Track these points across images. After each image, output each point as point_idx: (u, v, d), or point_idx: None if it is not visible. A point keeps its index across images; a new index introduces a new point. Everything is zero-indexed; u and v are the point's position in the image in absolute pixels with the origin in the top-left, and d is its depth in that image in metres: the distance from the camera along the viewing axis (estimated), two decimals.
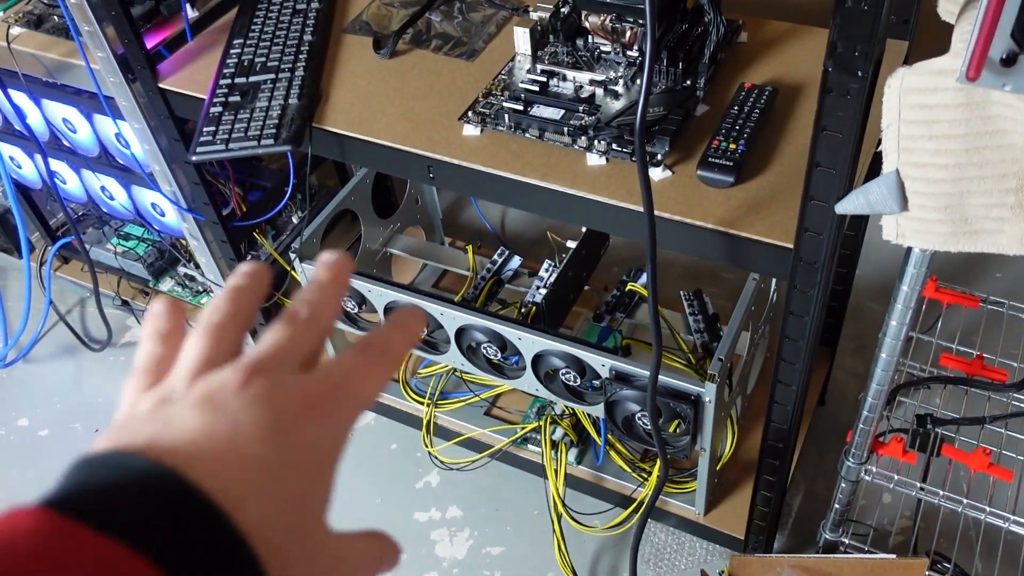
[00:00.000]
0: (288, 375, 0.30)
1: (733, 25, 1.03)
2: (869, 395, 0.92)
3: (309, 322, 0.32)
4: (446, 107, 0.99)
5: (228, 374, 0.29)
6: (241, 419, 0.28)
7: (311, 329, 0.32)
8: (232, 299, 0.33)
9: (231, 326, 0.32)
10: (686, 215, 0.84)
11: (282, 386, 0.29)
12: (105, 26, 1.06)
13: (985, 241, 0.70)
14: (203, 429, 0.27)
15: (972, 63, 0.57)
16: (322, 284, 0.34)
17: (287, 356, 0.31)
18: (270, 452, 0.27)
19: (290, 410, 0.29)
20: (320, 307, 0.33)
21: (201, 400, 0.28)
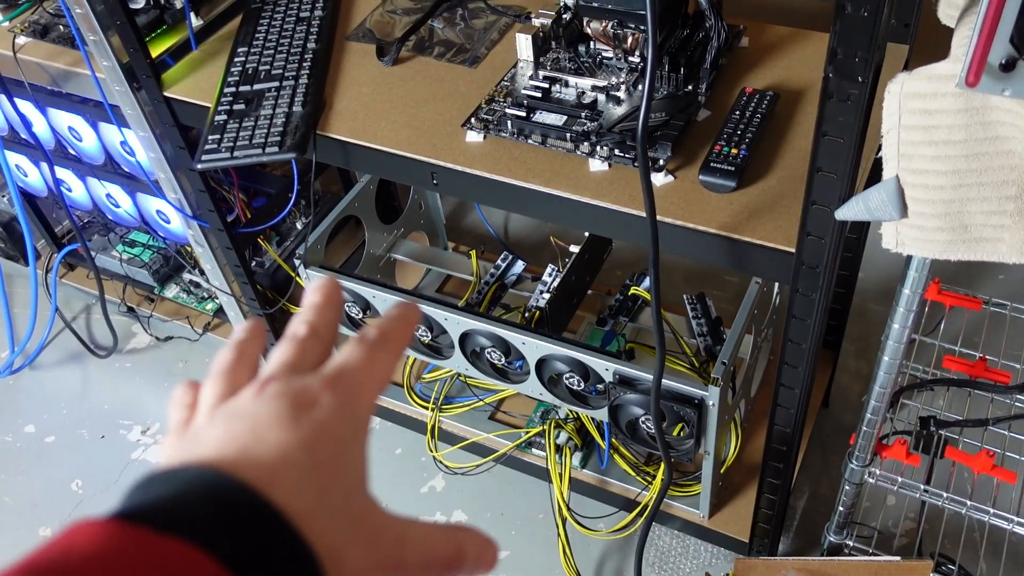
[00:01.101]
0: (295, 377, 0.32)
1: (734, 30, 1.04)
2: (872, 398, 0.92)
3: (309, 338, 0.35)
4: (449, 114, 1.00)
5: (243, 392, 0.32)
6: (260, 414, 0.30)
7: (313, 344, 0.35)
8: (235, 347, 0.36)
9: (239, 366, 0.35)
10: (688, 220, 0.85)
11: (292, 384, 0.31)
12: (110, 35, 1.07)
13: (985, 249, 0.70)
14: (227, 434, 0.29)
15: (971, 68, 0.57)
16: (316, 304, 0.36)
17: (293, 367, 0.33)
18: (290, 433, 0.29)
19: (302, 398, 0.31)
20: (318, 325, 0.35)
21: (224, 416, 0.31)
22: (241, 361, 0.35)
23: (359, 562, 0.29)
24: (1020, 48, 0.57)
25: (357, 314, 1.25)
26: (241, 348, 0.36)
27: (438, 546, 0.32)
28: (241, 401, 0.31)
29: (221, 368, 0.34)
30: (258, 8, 1.18)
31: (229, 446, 0.29)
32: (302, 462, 0.29)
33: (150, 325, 1.70)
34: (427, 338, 1.21)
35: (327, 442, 0.30)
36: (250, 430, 0.29)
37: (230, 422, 0.30)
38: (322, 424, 0.30)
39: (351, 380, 0.32)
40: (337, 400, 0.31)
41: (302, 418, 0.30)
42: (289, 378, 0.32)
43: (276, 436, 0.29)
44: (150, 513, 0.25)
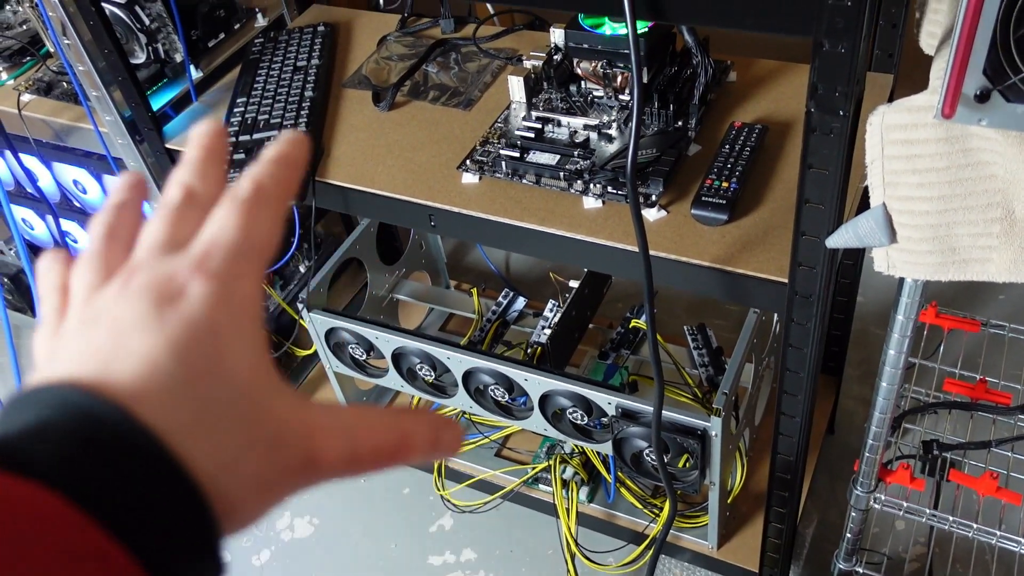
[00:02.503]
0: (164, 261, 0.28)
1: (722, 65, 1.06)
2: (872, 424, 0.93)
3: (185, 204, 0.30)
4: (445, 156, 1.02)
5: (107, 288, 0.28)
6: (121, 317, 0.27)
7: (189, 213, 0.30)
8: (107, 219, 0.31)
9: (111, 245, 0.30)
10: (682, 254, 0.86)
11: (157, 272, 0.28)
12: (112, 91, 1.10)
13: (974, 270, 0.72)
14: (88, 346, 0.26)
15: (947, 101, 0.59)
16: (195, 160, 0.31)
17: (165, 245, 0.29)
18: (155, 336, 0.26)
19: (167, 288, 0.27)
20: (195, 186, 0.31)
21: (84, 323, 0.28)
22: (115, 236, 0.30)
23: (256, 469, 0.26)
24: (993, 79, 0.58)
25: (361, 355, 1.26)
26: (115, 219, 0.31)
27: (370, 435, 0.29)
28: (104, 300, 0.28)
29: (93, 248, 0.30)
30: (256, 59, 1.21)
31: (90, 359, 0.26)
32: (171, 369, 0.25)
33: None
34: (431, 377, 1.22)
35: (200, 339, 0.26)
36: (111, 338, 0.26)
37: (91, 328, 0.27)
38: (191, 318, 0.26)
39: (224, 255, 0.28)
40: (208, 285, 0.27)
41: (169, 314, 0.26)
42: (155, 263, 0.28)
43: (139, 342, 0.26)
44: (6, 448, 0.23)
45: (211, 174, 0.31)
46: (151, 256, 0.29)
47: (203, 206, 0.30)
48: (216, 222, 0.29)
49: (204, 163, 0.31)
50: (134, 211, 0.32)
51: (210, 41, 1.26)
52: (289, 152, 0.32)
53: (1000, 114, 0.59)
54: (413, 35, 1.24)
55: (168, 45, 1.21)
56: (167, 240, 0.29)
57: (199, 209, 0.30)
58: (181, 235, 0.29)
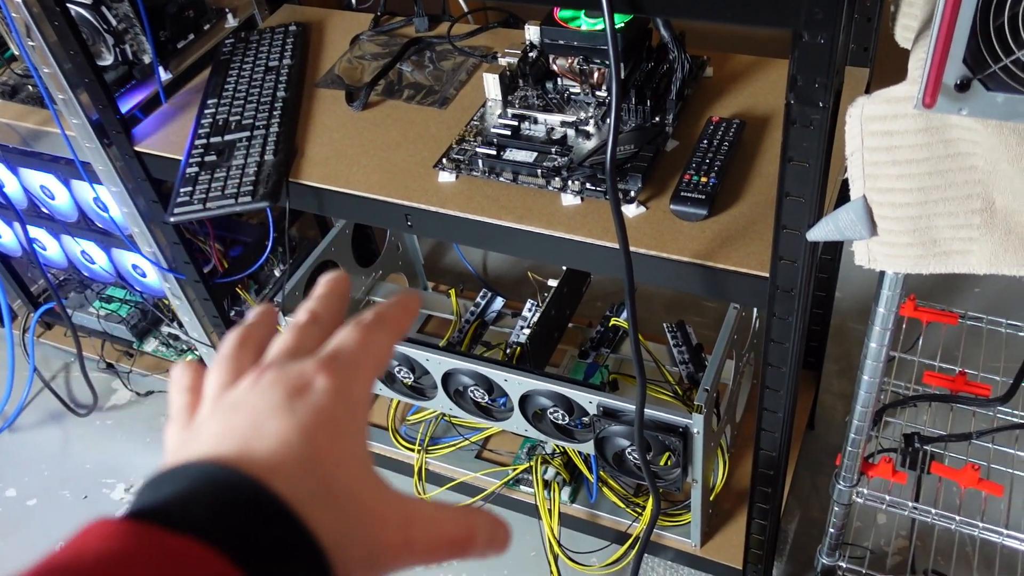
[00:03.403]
0: (293, 362, 0.32)
1: (698, 60, 1.05)
2: (855, 417, 0.93)
3: (309, 324, 0.35)
4: (421, 155, 1.00)
5: (243, 382, 0.32)
6: (257, 404, 0.30)
7: (312, 330, 0.35)
8: (242, 331, 0.36)
9: (243, 352, 0.35)
10: (661, 250, 0.85)
11: (289, 369, 0.32)
12: (79, 93, 1.07)
13: (955, 262, 0.71)
14: (225, 428, 0.30)
15: (927, 90, 0.58)
16: (319, 295, 0.37)
17: (291, 352, 0.34)
18: (287, 421, 0.29)
19: (297, 383, 0.31)
20: (319, 312, 0.36)
21: (222, 410, 0.31)
22: (246, 346, 0.35)
23: (365, 545, 0.29)
24: (973, 68, 0.58)
25: None
26: (247, 332, 0.36)
27: (447, 527, 0.32)
28: (239, 391, 0.32)
29: (225, 353, 0.35)
30: (227, 60, 1.19)
31: (229, 440, 0.29)
32: (300, 449, 0.29)
33: (130, 380, 1.68)
34: (409, 380, 1.20)
35: (324, 426, 0.30)
36: (248, 421, 0.30)
37: (229, 414, 0.31)
38: (317, 408, 0.30)
39: (345, 360, 0.32)
40: (332, 382, 0.31)
41: (297, 404, 0.30)
42: (285, 364, 0.32)
43: (274, 425, 0.29)
44: (160, 512, 0.26)
45: (333, 307, 0.37)
46: (281, 358, 0.33)
47: (326, 328, 0.35)
48: (342, 335, 0.34)
49: (328, 298, 0.37)
50: (266, 327, 0.37)
51: (179, 42, 1.24)
52: (407, 303, 0.37)
53: (980, 103, 0.59)
54: (386, 34, 1.23)
55: (136, 46, 1.18)
56: (295, 347, 0.34)
57: (322, 330, 0.35)
58: (307, 346, 0.34)
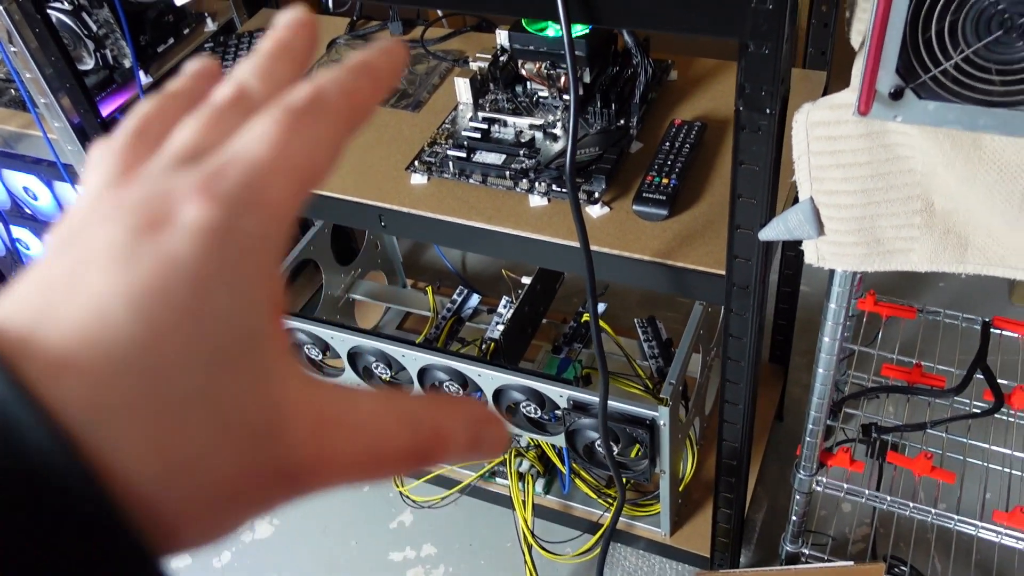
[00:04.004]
0: (174, 173, 0.21)
1: (663, 64, 1.09)
2: (811, 409, 0.97)
3: (235, 104, 0.23)
4: (394, 158, 1.03)
5: (105, 195, 0.22)
6: (92, 242, 0.20)
7: (236, 114, 0.23)
8: (150, 111, 0.24)
9: (139, 145, 0.23)
10: (624, 249, 0.89)
11: (157, 186, 0.21)
12: (60, 97, 1.10)
13: (898, 260, 0.75)
14: (46, 273, 0.20)
15: (862, 98, 0.62)
16: (268, 53, 0.25)
17: (186, 153, 0.22)
18: (115, 277, 0.19)
19: (156, 209, 0.20)
20: (253, 86, 0.24)
21: (61, 243, 0.21)
22: (147, 131, 0.23)
23: (235, 473, 0.19)
24: (906, 78, 0.61)
25: (317, 356, 1.28)
26: (160, 107, 0.24)
27: (397, 432, 0.22)
28: (92, 213, 0.21)
29: (117, 141, 0.23)
30: None
31: (36, 297, 0.19)
32: (123, 324, 0.19)
33: None
34: (387, 376, 1.23)
35: (175, 285, 0.19)
36: (68, 271, 0.20)
37: (63, 250, 0.20)
38: (171, 256, 0.19)
39: (240, 176, 0.21)
40: (206, 211, 0.20)
41: (142, 249, 0.19)
42: (163, 175, 0.21)
43: (96, 282, 0.19)
44: None
45: (278, 73, 0.24)
46: (165, 164, 0.22)
47: (255, 110, 0.23)
48: (247, 133, 0.22)
49: (273, 59, 0.25)
50: (186, 105, 0.24)
51: (159, 46, 1.27)
52: (379, 62, 0.25)
53: (913, 110, 0.63)
54: (362, 38, 1.26)
55: (117, 51, 1.21)
56: (192, 148, 0.22)
57: (247, 116, 0.23)
58: (211, 144, 0.22)
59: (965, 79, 0.60)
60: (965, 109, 0.61)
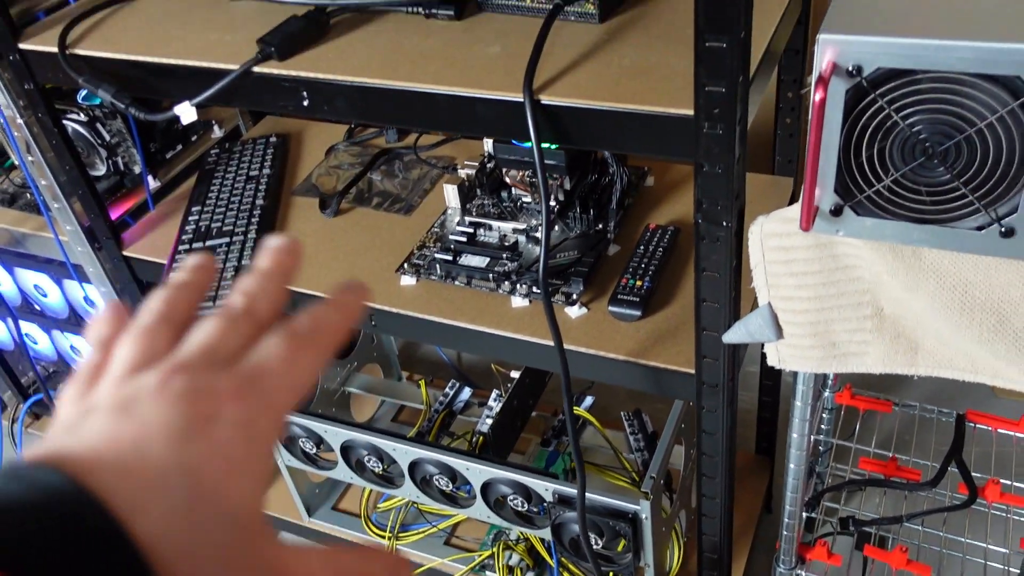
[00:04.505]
0: (211, 371, 0.29)
1: (639, 171, 1.15)
2: (786, 503, 0.99)
3: (245, 315, 0.31)
4: (385, 260, 1.09)
5: (150, 376, 0.29)
6: (150, 421, 0.27)
7: (246, 322, 0.31)
8: (168, 298, 0.32)
9: (164, 327, 0.31)
10: (600, 348, 0.93)
11: (201, 384, 0.28)
12: (72, 202, 1.17)
13: (853, 362, 0.80)
14: (110, 435, 0.27)
15: (803, 217, 0.67)
16: (262, 272, 0.33)
17: (214, 352, 0.30)
18: (176, 453, 0.26)
19: (205, 408, 0.28)
20: (258, 297, 0.32)
21: (116, 406, 0.28)
22: (169, 317, 0.31)
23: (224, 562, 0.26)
24: (844, 197, 0.67)
25: (311, 449, 1.31)
26: (173, 299, 0.32)
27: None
28: (142, 386, 0.28)
29: (144, 324, 0.31)
30: (211, 169, 1.29)
31: (106, 450, 0.26)
32: (178, 487, 0.26)
33: None
34: (379, 469, 1.26)
35: (217, 465, 0.27)
36: (135, 436, 0.27)
37: (120, 416, 0.27)
38: (215, 446, 0.27)
39: (264, 386, 0.29)
40: (242, 413, 0.28)
41: (195, 436, 0.27)
42: (201, 374, 0.29)
43: (161, 454, 0.26)
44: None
45: (274, 293, 0.32)
46: (198, 359, 0.29)
47: (259, 322, 0.31)
48: (269, 350, 0.30)
49: (271, 280, 0.33)
50: (196, 294, 0.33)
51: (168, 152, 1.34)
52: (349, 304, 0.33)
53: (853, 226, 0.68)
54: (359, 144, 1.33)
55: (127, 158, 1.28)
56: (218, 347, 0.30)
57: (254, 326, 0.31)
58: (231, 346, 0.30)
59: (898, 198, 0.65)
60: (900, 225, 0.67)
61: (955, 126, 0.60)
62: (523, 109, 0.74)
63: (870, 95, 0.60)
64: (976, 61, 0.56)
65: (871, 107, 0.61)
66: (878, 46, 0.58)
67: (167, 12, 1.02)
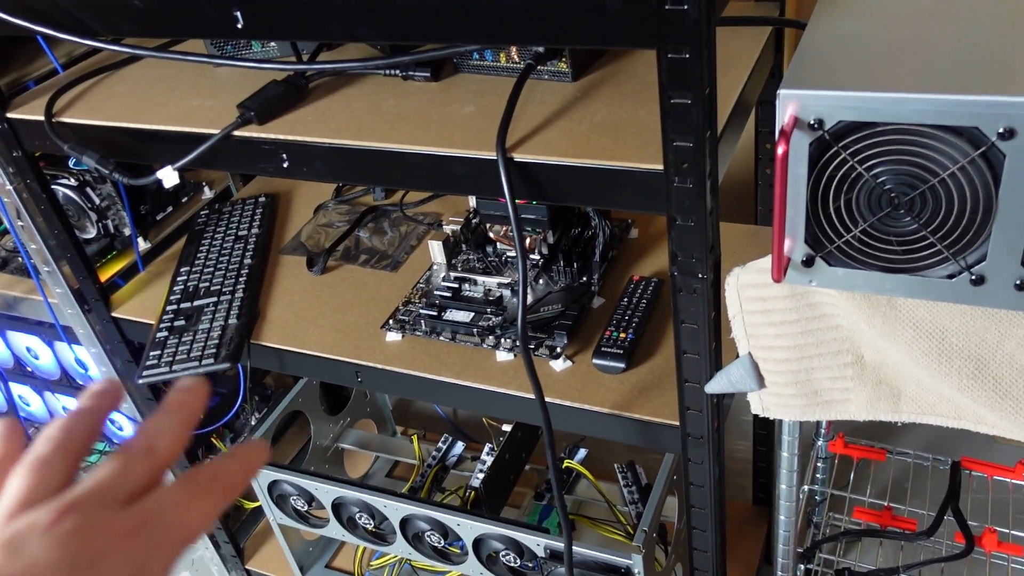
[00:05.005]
0: (104, 510, 0.29)
1: (623, 224, 1.16)
2: (778, 556, 0.98)
3: (144, 453, 0.32)
4: (371, 316, 1.09)
5: (41, 514, 0.29)
6: (38, 562, 0.27)
7: (145, 461, 0.32)
8: (65, 427, 0.32)
9: (59, 458, 0.31)
10: (584, 402, 0.93)
11: (93, 523, 0.29)
12: (62, 265, 1.17)
13: (836, 410, 0.79)
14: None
15: (774, 268, 0.68)
16: (166, 411, 0.34)
17: (110, 491, 0.30)
18: None
19: (93, 548, 0.28)
20: (159, 437, 0.33)
21: (5, 544, 0.28)
22: (67, 446, 0.31)
23: None
24: (814, 247, 0.67)
25: (303, 507, 1.30)
26: (71, 428, 0.32)
27: None
28: (32, 530, 0.28)
29: (38, 456, 0.31)
30: (201, 229, 1.30)
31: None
32: None
33: None
34: (371, 526, 1.25)
35: None
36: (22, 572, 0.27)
37: (5, 556, 0.28)
38: None
39: (157, 531, 0.30)
40: (130, 560, 0.28)
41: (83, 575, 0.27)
42: (94, 513, 0.29)
43: None
44: None
45: (177, 433, 0.33)
46: (92, 497, 0.30)
47: (158, 462, 0.32)
48: (165, 492, 0.31)
49: (174, 417, 0.34)
50: (96, 422, 0.33)
51: (158, 214, 1.35)
52: (251, 458, 0.35)
53: (825, 276, 0.68)
54: (347, 203, 1.34)
55: (117, 220, 1.29)
56: (113, 485, 0.30)
57: (154, 465, 0.32)
58: (129, 485, 0.31)
59: (868, 248, 0.66)
60: (873, 275, 0.67)
61: (919, 176, 0.60)
62: (496, 167, 0.75)
63: (833, 147, 0.61)
64: (935, 113, 0.57)
65: (835, 159, 0.62)
66: (838, 100, 0.59)
67: (152, 79, 1.04)
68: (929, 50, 0.63)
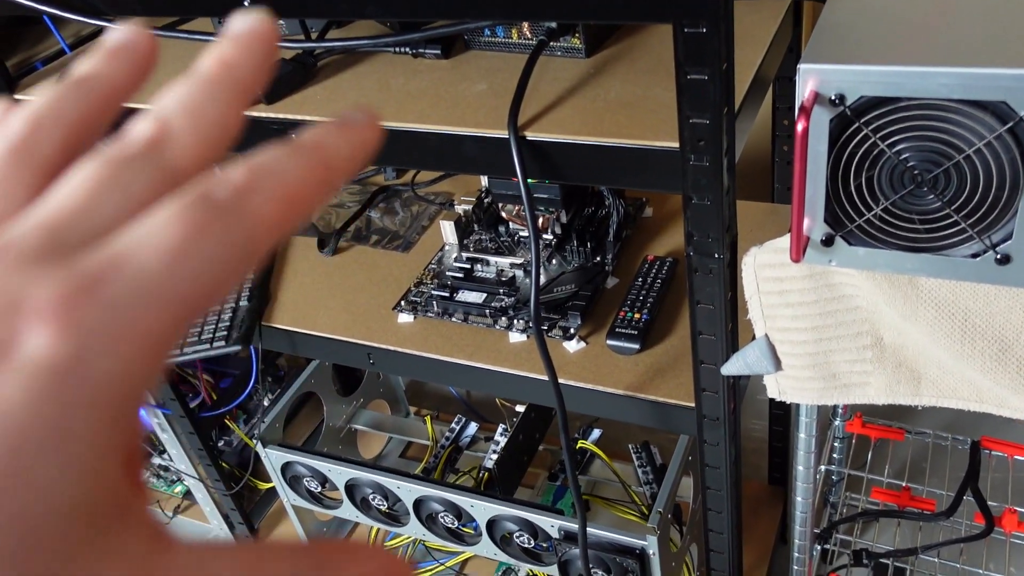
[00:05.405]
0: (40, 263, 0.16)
1: (637, 203, 1.14)
2: (795, 537, 0.97)
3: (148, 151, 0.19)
4: (383, 297, 1.08)
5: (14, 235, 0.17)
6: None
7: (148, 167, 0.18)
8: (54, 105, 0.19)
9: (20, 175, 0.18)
10: (598, 383, 0.92)
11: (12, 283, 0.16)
12: None
13: (855, 393, 0.78)
14: None
15: (792, 247, 0.66)
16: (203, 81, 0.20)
17: (67, 225, 0.17)
18: None
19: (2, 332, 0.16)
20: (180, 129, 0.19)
21: None
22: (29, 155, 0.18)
23: None
24: (834, 227, 0.66)
25: (316, 488, 1.30)
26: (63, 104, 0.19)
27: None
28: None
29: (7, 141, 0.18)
30: None
31: None
32: None
33: None
34: (384, 507, 1.25)
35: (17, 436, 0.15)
36: None
37: None
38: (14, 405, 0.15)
39: (118, 295, 0.16)
40: (57, 347, 0.15)
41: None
42: (26, 262, 0.16)
43: None
44: None
45: (212, 113, 0.19)
46: (28, 242, 0.17)
47: (170, 173, 0.18)
48: (140, 227, 0.17)
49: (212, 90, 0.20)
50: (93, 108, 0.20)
51: None
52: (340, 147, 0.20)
53: (845, 255, 0.67)
54: (359, 183, 1.33)
55: None
56: (69, 220, 0.17)
57: (159, 176, 0.18)
58: (97, 218, 0.17)
59: (890, 227, 0.64)
60: (894, 254, 0.65)
61: (943, 153, 0.58)
62: (508, 146, 0.73)
63: (855, 124, 0.59)
64: (960, 87, 0.55)
65: (856, 135, 0.60)
66: (860, 74, 0.58)
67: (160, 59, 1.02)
68: (953, 22, 0.61)
